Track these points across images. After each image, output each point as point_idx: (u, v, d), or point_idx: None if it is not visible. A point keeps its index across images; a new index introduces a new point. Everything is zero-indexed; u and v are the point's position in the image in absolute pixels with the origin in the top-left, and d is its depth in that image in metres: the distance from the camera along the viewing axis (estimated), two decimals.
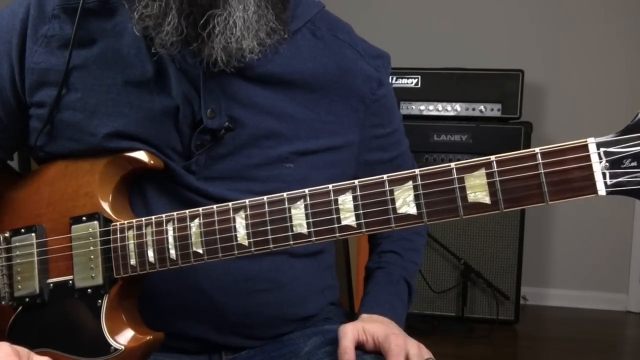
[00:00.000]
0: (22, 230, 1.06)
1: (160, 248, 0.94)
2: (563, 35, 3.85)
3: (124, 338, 0.98)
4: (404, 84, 3.42)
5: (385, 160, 1.21)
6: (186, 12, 0.90)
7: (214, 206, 0.90)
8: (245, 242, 0.88)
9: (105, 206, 1.00)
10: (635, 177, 0.68)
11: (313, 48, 1.10)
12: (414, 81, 3.43)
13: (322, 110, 1.09)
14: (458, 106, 3.41)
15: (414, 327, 3.31)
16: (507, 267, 3.36)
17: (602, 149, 0.70)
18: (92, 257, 0.99)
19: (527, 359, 3.23)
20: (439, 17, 3.96)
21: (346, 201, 0.83)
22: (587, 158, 0.71)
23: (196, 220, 0.91)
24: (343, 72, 1.11)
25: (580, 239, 3.87)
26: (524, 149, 2.51)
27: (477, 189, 0.76)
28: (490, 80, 3.39)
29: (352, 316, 1.19)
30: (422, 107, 3.42)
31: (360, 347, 1.02)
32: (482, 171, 0.76)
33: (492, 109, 3.37)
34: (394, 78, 3.41)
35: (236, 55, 0.94)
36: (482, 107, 3.38)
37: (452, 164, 0.77)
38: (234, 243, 0.89)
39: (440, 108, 3.42)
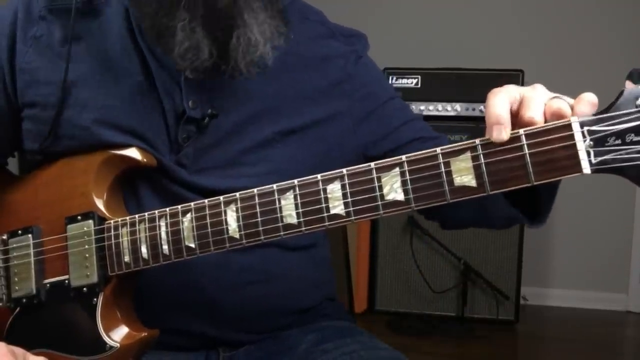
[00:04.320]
0: (19, 231, 1.07)
1: (153, 244, 0.95)
2: (563, 35, 3.85)
3: (119, 335, 0.99)
4: (404, 84, 3.43)
5: (397, 127, 1.17)
6: (212, 37, 0.97)
7: (206, 200, 0.91)
8: (237, 235, 0.88)
9: (100, 205, 1.01)
10: (620, 154, 0.68)
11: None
12: (414, 81, 3.44)
13: (302, 87, 1.10)
14: (458, 106, 3.41)
15: (414, 327, 3.31)
16: (507, 267, 3.36)
17: (585, 128, 0.70)
18: (87, 255, 1.00)
19: (527, 359, 3.23)
20: (439, 17, 3.97)
21: (335, 190, 0.83)
22: (571, 137, 0.71)
23: (188, 215, 0.92)
24: (317, 48, 1.13)
25: (580, 239, 3.87)
26: None
27: (463, 173, 0.76)
28: (490, 80, 3.38)
29: (351, 314, 1.18)
30: (422, 107, 3.42)
31: None
32: (468, 154, 0.76)
33: None
34: (394, 78, 3.42)
35: (257, 63, 1.00)
36: (482, 107, 3.38)
37: (438, 149, 0.78)
38: (226, 236, 0.89)
39: (440, 108, 3.42)
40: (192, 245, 0.91)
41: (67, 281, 1.02)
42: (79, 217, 1.01)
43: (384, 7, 4.04)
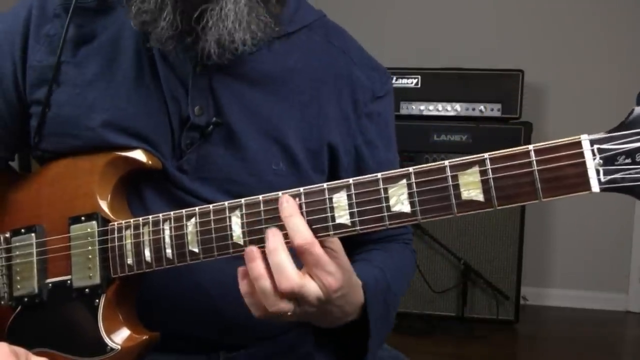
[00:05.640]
0: (22, 230, 1.07)
1: (157, 247, 0.94)
2: (563, 35, 3.86)
3: (120, 338, 0.99)
4: (404, 84, 3.43)
5: None
6: (181, 8, 0.93)
7: (210, 205, 0.91)
8: (241, 241, 0.88)
9: (104, 206, 1.01)
10: (629, 173, 0.68)
11: (306, 51, 1.11)
12: (414, 81, 3.44)
13: (311, 113, 1.09)
14: (458, 106, 3.42)
15: (414, 327, 3.32)
16: (507, 267, 3.37)
17: (595, 146, 0.70)
18: (90, 256, 1.00)
19: (527, 359, 3.24)
20: (439, 17, 3.97)
21: (341, 199, 0.83)
22: (581, 155, 0.70)
23: (192, 220, 0.91)
24: (334, 78, 1.12)
25: (580, 239, 3.87)
26: None
27: (470, 187, 0.76)
28: (490, 80, 3.40)
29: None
30: (422, 107, 3.43)
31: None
32: (476, 169, 0.76)
33: (492, 109, 3.39)
34: (394, 78, 3.42)
35: (229, 47, 0.96)
36: (482, 107, 3.39)
37: (446, 162, 0.77)
38: (229, 242, 0.89)
39: (440, 108, 3.43)
40: (196, 250, 0.91)
41: (69, 281, 1.01)
42: (83, 218, 1.01)
43: (384, 7, 4.04)
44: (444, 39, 3.91)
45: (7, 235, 1.08)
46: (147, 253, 0.95)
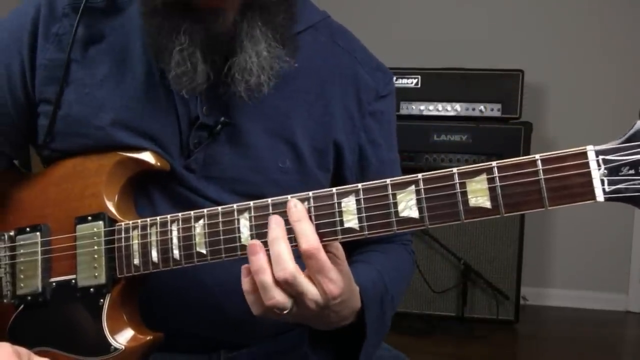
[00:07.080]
0: (27, 229, 1.07)
1: (164, 248, 0.95)
2: (563, 35, 3.86)
3: (124, 338, 0.99)
4: (404, 84, 3.43)
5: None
6: (210, 60, 0.97)
7: (219, 207, 0.91)
8: (249, 244, 0.88)
9: (111, 207, 1.01)
10: (633, 184, 0.70)
11: (311, 51, 1.12)
12: (414, 81, 3.44)
13: (317, 111, 1.11)
14: (458, 106, 3.42)
15: (414, 327, 3.32)
16: (507, 267, 3.37)
17: (600, 157, 0.71)
18: (95, 256, 1.00)
19: (527, 359, 3.24)
20: (439, 17, 3.97)
21: (349, 204, 0.84)
22: (586, 165, 0.72)
23: (200, 221, 0.92)
24: (339, 77, 1.14)
25: (580, 239, 3.88)
26: (524, 148, 2.51)
27: (478, 194, 0.77)
28: (490, 80, 3.41)
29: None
30: (422, 107, 3.43)
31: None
32: (484, 176, 0.77)
33: (492, 109, 3.39)
34: (394, 78, 3.42)
35: (256, 89, 1.00)
36: (482, 107, 3.39)
37: (454, 169, 0.79)
38: (238, 244, 0.89)
39: (440, 108, 3.43)
40: (204, 252, 0.92)
41: (73, 281, 1.02)
42: (89, 218, 1.01)
43: (384, 6, 4.04)
44: (444, 39, 3.92)
45: (12, 233, 1.08)
46: (154, 254, 0.95)
